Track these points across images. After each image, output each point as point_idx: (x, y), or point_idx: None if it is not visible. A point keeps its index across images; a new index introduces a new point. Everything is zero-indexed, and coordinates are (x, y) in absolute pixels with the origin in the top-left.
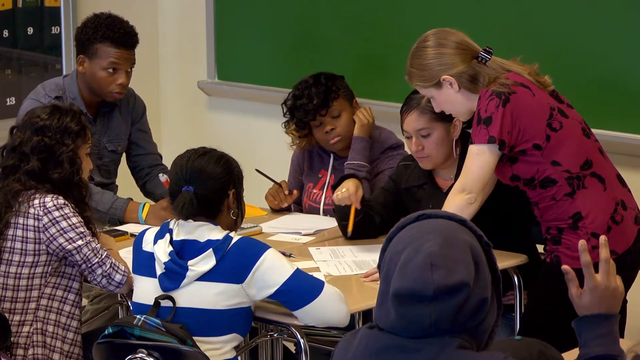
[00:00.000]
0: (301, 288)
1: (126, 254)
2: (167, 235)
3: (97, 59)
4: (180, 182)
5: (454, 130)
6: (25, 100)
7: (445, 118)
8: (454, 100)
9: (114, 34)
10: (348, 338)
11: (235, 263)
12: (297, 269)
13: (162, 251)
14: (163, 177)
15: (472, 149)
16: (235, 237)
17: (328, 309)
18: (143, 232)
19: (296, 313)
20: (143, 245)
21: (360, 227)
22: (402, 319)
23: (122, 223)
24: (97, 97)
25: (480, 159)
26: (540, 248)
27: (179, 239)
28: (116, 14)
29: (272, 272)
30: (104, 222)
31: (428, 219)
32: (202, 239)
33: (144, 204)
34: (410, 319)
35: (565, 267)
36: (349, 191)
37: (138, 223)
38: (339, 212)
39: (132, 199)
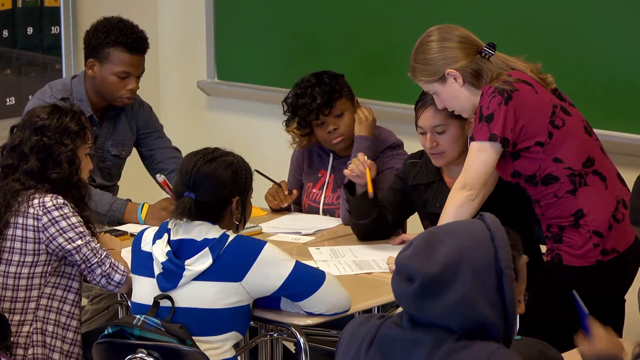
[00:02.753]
0: (306, 277)
1: (126, 253)
2: (165, 235)
3: (108, 63)
4: (183, 186)
5: (469, 128)
6: (32, 98)
7: (460, 115)
8: (459, 95)
9: (127, 39)
10: (356, 326)
11: (232, 261)
12: (297, 260)
13: (160, 251)
14: (161, 178)
15: (474, 145)
16: (232, 235)
17: (334, 293)
18: (142, 232)
19: (302, 303)
20: (142, 245)
21: (375, 228)
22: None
23: (121, 224)
24: (105, 101)
25: (482, 156)
26: (543, 248)
27: (176, 238)
28: (120, 15)
29: (273, 267)
30: (103, 223)
31: (479, 219)
32: (199, 238)
33: (143, 204)
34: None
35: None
36: (358, 159)
37: (137, 223)
38: (356, 210)
39: (130, 200)
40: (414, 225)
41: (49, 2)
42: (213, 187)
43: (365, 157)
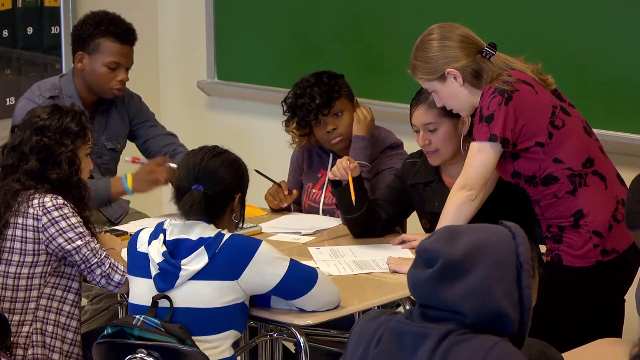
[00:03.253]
0: (301, 277)
1: (126, 253)
2: (161, 236)
3: (98, 54)
4: (190, 179)
5: (462, 127)
6: (20, 99)
7: (453, 114)
8: (458, 94)
9: (117, 30)
10: (366, 322)
11: (229, 259)
12: (292, 259)
13: (156, 252)
14: (128, 158)
15: (474, 146)
16: (227, 234)
17: (326, 291)
18: (137, 233)
19: (296, 301)
20: (137, 246)
21: (367, 224)
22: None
23: (111, 202)
24: (95, 94)
25: (482, 156)
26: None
27: (171, 238)
28: (121, 15)
29: (269, 266)
30: (93, 208)
31: (501, 225)
32: (195, 238)
33: (126, 175)
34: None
35: None
36: (341, 163)
37: (126, 194)
38: (342, 202)
39: (109, 176)
40: (414, 225)
41: (49, 2)
42: (221, 180)
43: (349, 161)
